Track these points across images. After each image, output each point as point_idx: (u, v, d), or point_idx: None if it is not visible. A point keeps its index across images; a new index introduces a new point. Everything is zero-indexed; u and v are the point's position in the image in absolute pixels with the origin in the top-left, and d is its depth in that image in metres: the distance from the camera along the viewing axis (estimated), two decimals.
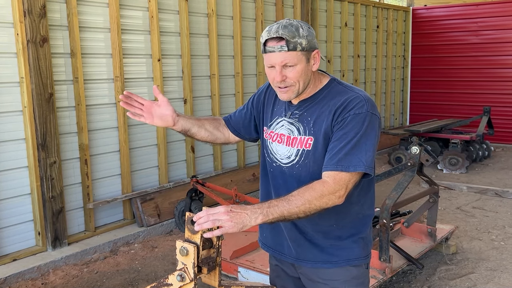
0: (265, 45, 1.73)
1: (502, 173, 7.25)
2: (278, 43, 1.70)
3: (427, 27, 10.10)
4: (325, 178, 1.71)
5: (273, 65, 1.74)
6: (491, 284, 3.70)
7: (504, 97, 9.38)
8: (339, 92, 1.82)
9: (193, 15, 5.47)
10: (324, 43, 7.81)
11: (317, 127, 1.80)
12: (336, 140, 1.74)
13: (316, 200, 1.66)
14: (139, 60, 4.97)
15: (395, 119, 10.15)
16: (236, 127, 2.14)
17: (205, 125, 2.08)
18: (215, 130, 2.12)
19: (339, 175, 1.69)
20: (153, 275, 4.00)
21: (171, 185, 5.28)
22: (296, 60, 1.72)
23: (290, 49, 1.70)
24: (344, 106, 1.75)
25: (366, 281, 1.98)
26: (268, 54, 1.74)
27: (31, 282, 3.89)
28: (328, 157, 1.73)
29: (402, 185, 3.63)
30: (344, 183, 1.69)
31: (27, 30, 3.97)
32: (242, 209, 1.60)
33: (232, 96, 6.11)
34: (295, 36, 1.70)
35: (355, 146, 1.70)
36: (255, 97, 2.08)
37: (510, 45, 9.22)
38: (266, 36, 1.73)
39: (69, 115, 4.43)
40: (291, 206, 1.64)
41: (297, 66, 1.73)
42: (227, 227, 1.56)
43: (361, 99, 1.76)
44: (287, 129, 1.88)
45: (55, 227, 4.28)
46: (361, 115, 1.73)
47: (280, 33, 1.69)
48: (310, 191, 1.66)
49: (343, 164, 1.69)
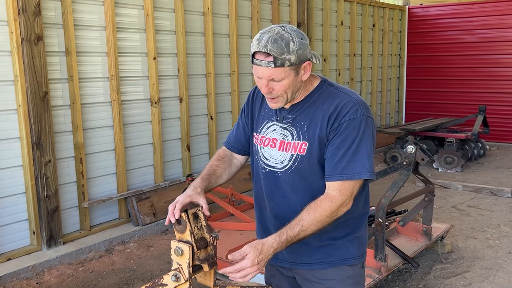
0: (254, 56, 1.70)
1: (497, 172, 7.27)
2: (265, 58, 1.66)
3: (423, 26, 10.11)
4: (331, 191, 1.73)
5: (260, 76, 1.72)
6: (486, 282, 3.71)
7: (500, 96, 9.41)
8: (331, 95, 1.80)
9: (188, 13, 5.45)
10: (320, 42, 7.81)
11: (311, 132, 1.79)
12: (335, 148, 1.73)
13: (327, 218, 1.71)
14: (134, 59, 4.95)
15: (391, 117, 10.16)
16: (241, 146, 2.07)
17: (222, 175, 1.99)
18: (230, 169, 2.04)
19: (344, 185, 1.71)
20: (149, 274, 3.99)
21: (166, 184, 5.26)
22: (283, 75, 1.68)
23: (277, 65, 1.65)
24: (338, 111, 1.74)
25: (362, 280, 1.98)
26: (255, 66, 1.71)
27: (26, 282, 3.88)
28: (331, 166, 1.73)
29: (397, 184, 3.63)
30: (350, 191, 1.73)
31: (22, 28, 3.94)
32: (266, 255, 1.63)
33: (228, 95, 6.10)
34: (283, 52, 1.64)
35: (356, 152, 1.71)
36: (244, 108, 2.05)
37: (506, 44, 9.25)
38: (255, 47, 1.68)
39: (64, 114, 4.40)
40: (307, 232, 1.69)
41: (284, 81, 1.70)
42: (254, 275, 1.63)
43: (355, 103, 1.75)
44: (280, 134, 1.86)
45: (50, 226, 4.26)
46: (356, 119, 1.73)
47: (269, 48, 1.63)
48: (320, 211, 1.69)
49: (347, 172, 1.71)
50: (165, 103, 5.30)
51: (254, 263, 1.59)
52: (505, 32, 9.22)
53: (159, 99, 5.17)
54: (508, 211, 5.43)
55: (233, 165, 2.06)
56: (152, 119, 5.14)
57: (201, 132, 5.77)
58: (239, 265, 1.60)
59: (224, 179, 2.01)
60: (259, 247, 1.61)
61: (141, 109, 5.06)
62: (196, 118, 5.68)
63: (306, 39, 1.71)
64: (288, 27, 1.70)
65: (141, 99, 5.06)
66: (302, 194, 1.81)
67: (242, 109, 2.07)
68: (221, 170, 2.00)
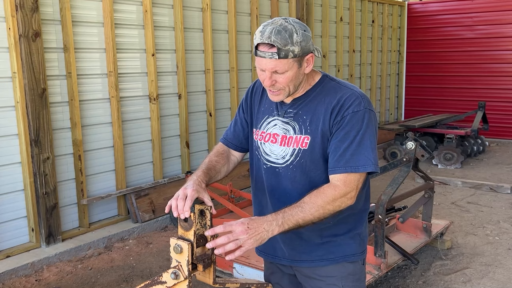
0: (257, 48, 1.69)
1: (496, 168, 7.27)
2: (269, 49, 1.65)
3: (422, 22, 10.09)
4: (335, 181, 1.70)
5: (263, 69, 1.71)
6: (485, 279, 3.71)
7: (499, 92, 9.40)
8: (333, 89, 1.79)
9: (187, 9, 5.42)
10: (319, 38, 7.79)
11: (314, 126, 1.77)
12: (339, 141, 1.72)
13: (329, 205, 1.66)
14: (133, 55, 4.93)
15: (390, 114, 10.15)
16: (239, 143, 2.05)
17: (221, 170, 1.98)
18: (228, 165, 2.02)
19: (349, 177, 1.69)
20: (148, 271, 3.99)
21: (165, 181, 5.25)
22: (286, 67, 1.68)
23: (281, 57, 1.64)
24: (341, 105, 1.73)
25: (363, 277, 1.97)
26: (258, 58, 1.69)
27: (25, 279, 3.87)
28: (334, 159, 1.72)
29: (397, 181, 3.62)
30: (354, 184, 1.70)
31: (19, 25, 3.92)
32: (259, 224, 1.58)
33: (227, 91, 6.08)
34: (287, 43, 1.63)
35: (360, 145, 1.70)
36: (243, 104, 2.03)
37: (506, 39, 9.23)
38: (259, 39, 1.66)
39: (62, 111, 4.39)
40: (306, 214, 1.63)
41: (287, 73, 1.69)
42: (248, 245, 1.55)
43: (357, 96, 1.74)
44: (281, 128, 1.84)
45: (49, 224, 4.24)
46: (359, 112, 1.72)
47: (272, 39, 1.62)
48: (322, 197, 1.66)
49: (351, 165, 1.69)
50: (164, 100, 5.28)
51: (245, 228, 1.54)
52: (504, 28, 9.20)
53: (158, 95, 5.15)
54: (508, 207, 5.43)
55: (230, 161, 2.05)
56: (151, 116, 5.13)
57: (200, 128, 5.76)
58: (228, 226, 1.54)
59: (222, 175, 1.99)
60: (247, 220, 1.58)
61: (139, 105, 5.04)
62: (195, 115, 5.66)
63: (309, 31, 1.71)
64: (291, 19, 1.70)
65: (139, 96, 5.04)
66: (303, 190, 1.79)
67: (240, 105, 2.05)
68: (220, 166, 1.97)
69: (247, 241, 1.54)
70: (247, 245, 1.55)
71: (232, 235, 1.54)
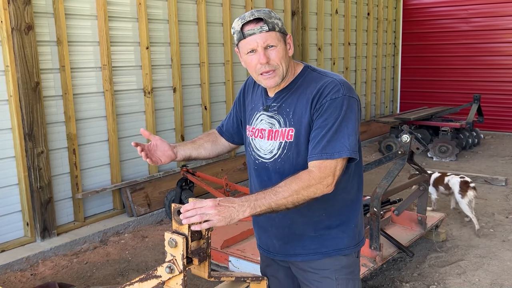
0: (243, 30, 1.72)
1: (491, 161, 7.29)
2: (257, 24, 1.71)
3: (418, 15, 10.08)
4: (311, 168, 1.69)
5: (254, 48, 1.72)
6: (480, 271, 3.73)
7: (494, 84, 9.42)
8: (314, 79, 1.80)
9: (181, 2, 5.39)
10: (314, 31, 7.76)
11: (297, 117, 1.78)
12: (317, 128, 1.72)
13: (303, 190, 1.64)
14: (127, 48, 4.90)
15: (386, 107, 10.15)
16: (230, 135, 2.13)
17: (203, 144, 2.08)
18: (214, 145, 2.11)
19: (324, 163, 1.68)
20: (144, 265, 3.98)
21: (161, 175, 5.24)
22: (276, 40, 1.73)
23: (270, 28, 1.71)
24: (320, 93, 1.74)
25: (357, 270, 1.97)
26: (247, 38, 1.72)
27: (20, 273, 3.86)
28: (312, 147, 1.72)
29: (392, 174, 3.62)
30: (330, 171, 1.67)
31: (12, 18, 3.88)
32: (230, 203, 1.58)
33: (222, 85, 6.05)
34: (271, 17, 1.73)
35: (337, 131, 1.69)
36: (236, 101, 2.08)
37: (501, 32, 9.23)
38: (241, 23, 1.73)
39: (56, 104, 4.36)
40: (278, 197, 1.62)
41: (279, 47, 1.74)
42: (214, 221, 1.55)
43: (336, 84, 1.74)
44: (267, 123, 1.86)
45: (44, 218, 4.23)
46: (338, 99, 1.71)
47: (257, 15, 1.70)
48: (297, 181, 1.65)
49: (327, 151, 1.67)
50: (159, 93, 5.26)
51: (215, 204, 1.56)
52: (500, 20, 9.20)
53: (153, 89, 5.13)
54: (502, 199, 5.45)
55: (218, 143, 2.13)
56: (146, 109, 5.10)
57: (195, 122, 5.74)
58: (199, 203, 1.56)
59: (207, 151, 2.08)
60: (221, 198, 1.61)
61: (134, 99, 5.02)
62: (190, 108, 5.64)
63: None
64: None
65: (134, 89, 5.01)
66: None
67: (235, 102, 2.09)
68: (203, 141, 2.09)
69: (215, 216, 1.55)
70: (215, 220, 1.55)
71: (200, 209, 1.56)
